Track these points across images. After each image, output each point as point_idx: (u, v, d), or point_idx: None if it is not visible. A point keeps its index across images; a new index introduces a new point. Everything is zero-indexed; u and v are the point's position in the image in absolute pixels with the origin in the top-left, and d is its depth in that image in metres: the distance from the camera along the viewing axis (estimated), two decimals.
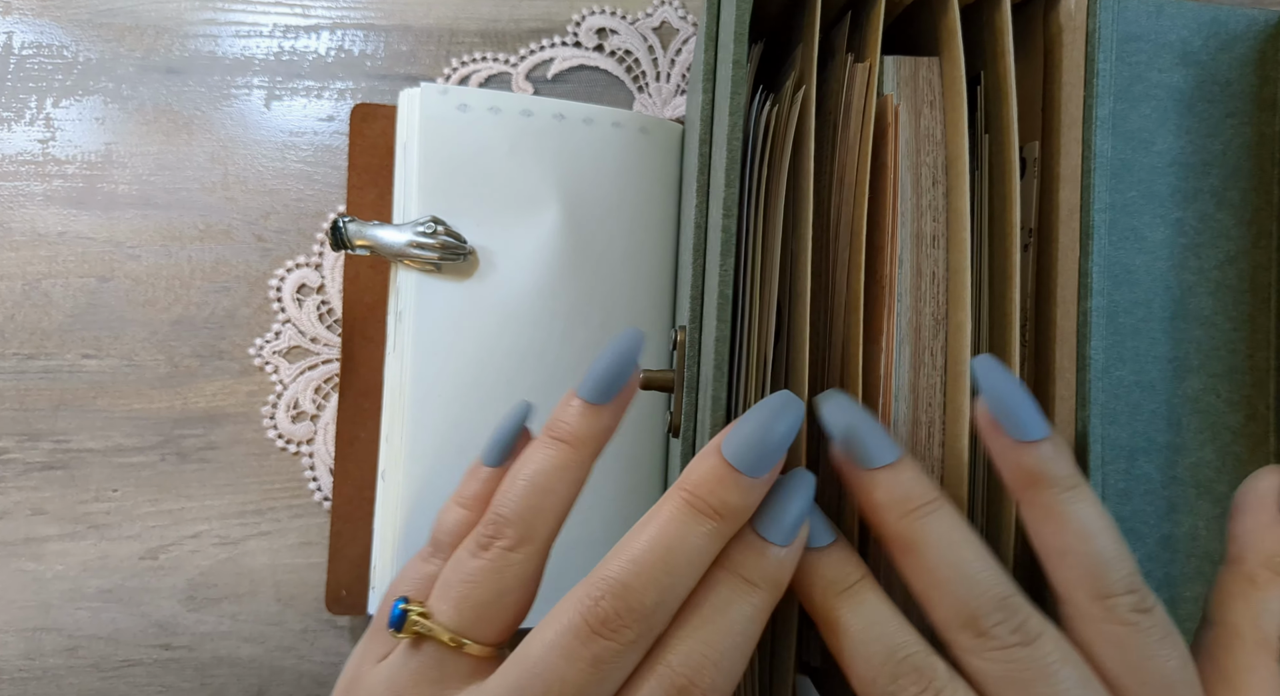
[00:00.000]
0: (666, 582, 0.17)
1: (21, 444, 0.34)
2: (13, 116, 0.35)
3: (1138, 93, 0.22)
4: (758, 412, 0.18)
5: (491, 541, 0.18)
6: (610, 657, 0.17)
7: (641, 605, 0.17)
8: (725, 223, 0.20)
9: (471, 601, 0.18)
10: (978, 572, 0.17)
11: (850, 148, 0.22)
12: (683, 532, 0.17)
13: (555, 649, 0.17)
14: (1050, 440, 0.18)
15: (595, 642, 0.17)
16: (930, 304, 0.21)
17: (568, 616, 0.17)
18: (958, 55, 0.21)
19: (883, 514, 0.18)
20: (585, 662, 0.17)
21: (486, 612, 0.18)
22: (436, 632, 0.18)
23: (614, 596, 0.17)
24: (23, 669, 0.33)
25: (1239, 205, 0.23)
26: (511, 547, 0.18)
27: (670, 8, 0.37)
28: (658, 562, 0.17)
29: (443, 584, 0.19)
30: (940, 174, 0.22)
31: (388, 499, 0.32)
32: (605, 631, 0.17)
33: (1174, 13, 0.23)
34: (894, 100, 0.22)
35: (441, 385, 0.32)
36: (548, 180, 0.33)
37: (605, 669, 0.17)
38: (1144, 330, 0.22)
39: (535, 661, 0.17)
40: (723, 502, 0.17)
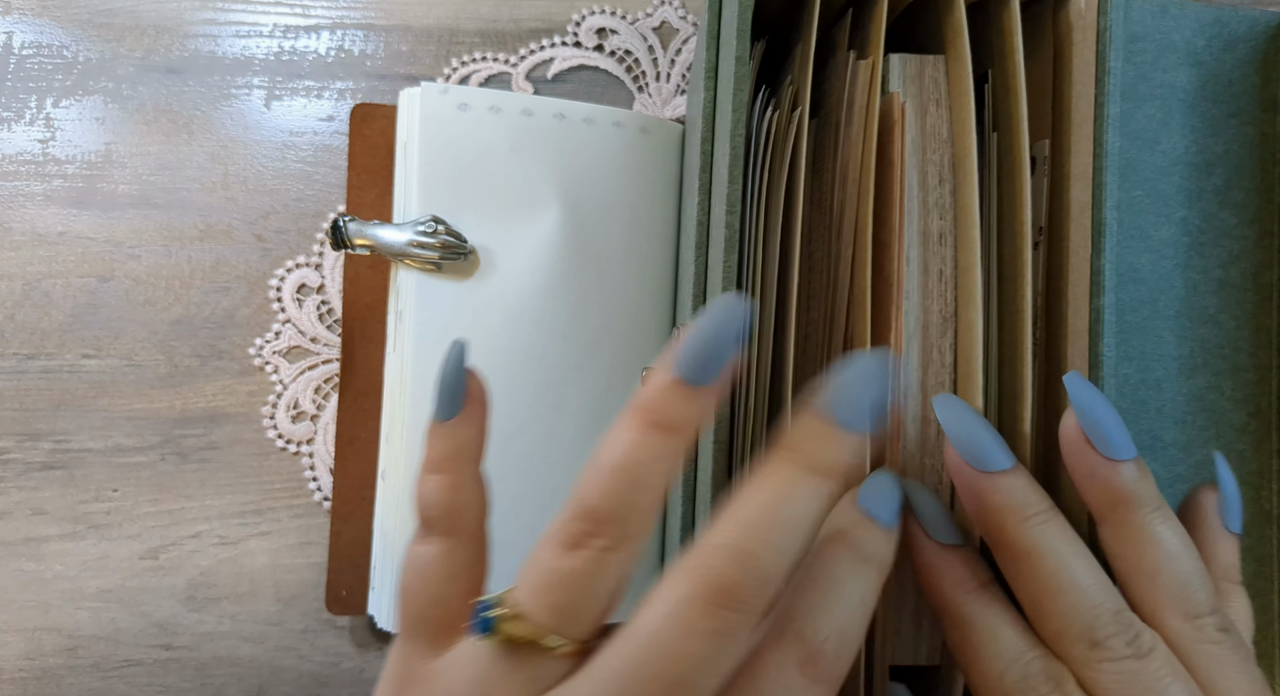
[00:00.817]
0: (785, 545, 0.16)
1: (21, 444, 0.34)
2: (13, 116, 0.35)
3: (1142, 92, 0.22)
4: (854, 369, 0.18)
5: (588, 539, 0.16)
6: (733, 629, 0.16)
7: (761, 570, 0.16)
8: (729, 219, 0.20)
9: (569, 604, 0.16)
10: (1093, 585, 0.18)
11: (853, 144, 0.22)
12: (793, 492, 0.16)
13: (672, 622, 0.15)
14: (1137, 460, 0.18)
15: (718, 614, 0.15)
16: (938, 302, 0.21)
17: (682, 587, 0.16)
18: (964, 53, 0.21)
19: (1000, 518, 0.18)
20: (707, 635, 0.15)
21: (584, 614, 0.16)
22: (537, 638, 0.16)
23: (733, 563, 0.16)
24: (23, 669, 0.33)
25: (1242, 204, 0.23)
26: (611, 547, 0.16)
27: (670, 8, 0.37)
28: (772, 523, 0.16)
29: (534, 582, 0.17)
30: (947, 172, 0.22)
31: (388, 499, 0.32)
32: (729, 601, 0.15)
33: (1178, 13, 0.23)
34: (900, 97, 0.22)
35: None
36: (548, 180, 0.33)
37: (728, 642, 0.16)
38: (1149, 328, 0.22)
39: (650, 636, 0.16)
40: (832, 459, 0.17)
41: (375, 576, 0.33)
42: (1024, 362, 0.20)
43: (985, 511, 0.19)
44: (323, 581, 0.34)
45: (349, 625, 0.34)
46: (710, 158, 0.23)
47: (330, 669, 0.34)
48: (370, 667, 0.34)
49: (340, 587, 0.33)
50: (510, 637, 0.16)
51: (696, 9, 0.37)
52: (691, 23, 0.37)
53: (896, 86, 0.22)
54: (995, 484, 0.19)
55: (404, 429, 0.32)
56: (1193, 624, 0.18)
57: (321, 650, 0.34)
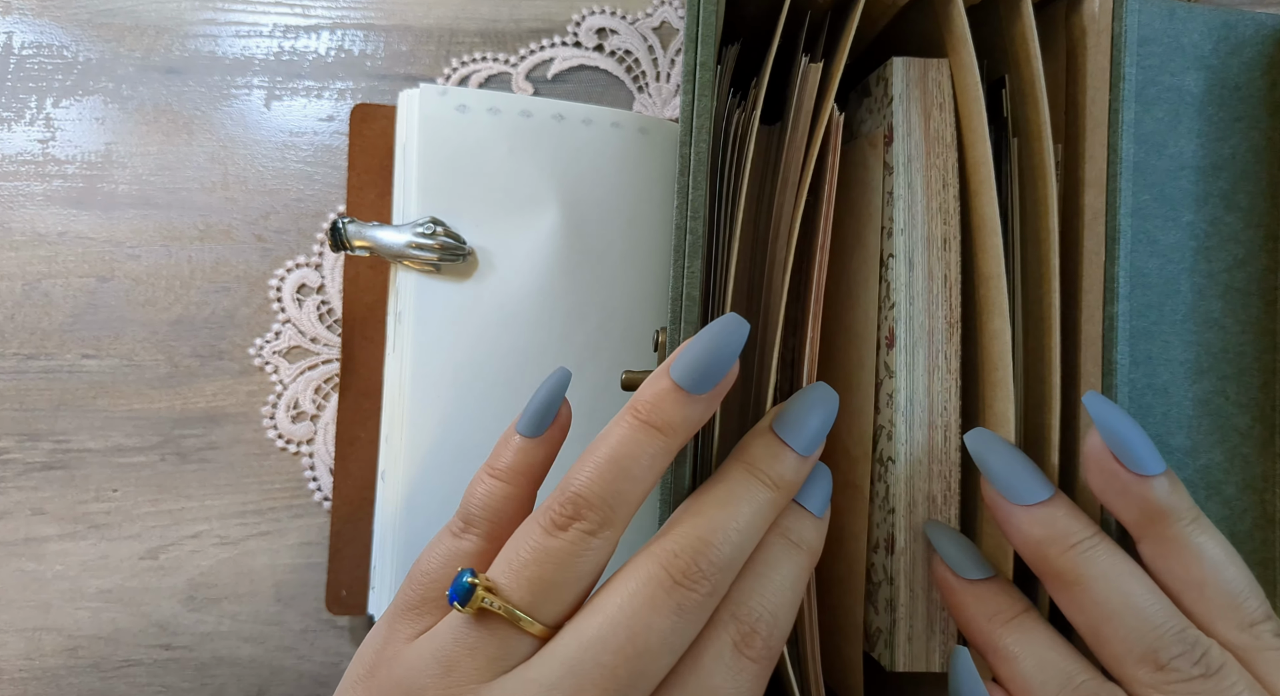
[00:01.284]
0: (737, 539, 0.18)
1: (21, 444, 0.34)
2: (13, 116, 0.35)
3: (1151, 96, 0.22)
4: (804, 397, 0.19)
5: (570, 522, 0.18)
6: (692, 607, 0.17)
7: (719, 558, 0.17)
8: (691, 225, 0.20)
9: (545, 582, 0.17)
10: (1151, 605, 0.18)
11: (795, 149, 0.22)
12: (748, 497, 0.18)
13: (638, 598, 0.17)
14: (1168, 473, 0.18)
15: (678, 592, 0.17)
16: (943, 307, 0.21)
17: (647, 569, 0.17)
18: (969, 59, 0.21)
19: (1044, 549, 0.19)
20: (670, 610, 0.17)
21: (557, 594, 0.17)
22: (509, 611, 0.17)
23: (694, 551, 0.17)
24: (23, 669, 0.33)
25: (1248, 209, 0.23)
26: (593, 532, 0.18)
27: (670, 8, 0.37)
28: (730, 520, 0.18)
29: (513, 560, 0.18)
30: (951, 176, 0.21)
31: (388, 499, 0.32)
32: (688, 582, 0.17)
33: (1185, 16, 0.22)
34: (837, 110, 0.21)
35: (441, 385, 0.32)
36: (547, 181, 0.33)
37: (688, 617, 0.17)
38: (1156, 333, 0.22)
39: (617, 610, 0.17)
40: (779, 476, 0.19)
41: (375, 576, 0.33)
42: (1051, 371, 0.20)
43: (1028, 544, 0.19)
44: (323, 581, 0.34)
45: (349, 625, 0.34)
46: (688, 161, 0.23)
47: (330, 669, 0.34)
48: None
49: (340, 587, 0.33)
50: (483, 609, 0.17)
51: None
52: None
53: (899, 90, 0.22)
54: (1035, 516, 0.19)
55: (404, 429, 0.32)
56: (1250, 632, 0.18)
57: (321, 650, 0.34)
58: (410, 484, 0.31)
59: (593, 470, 0.18)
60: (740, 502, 0.18)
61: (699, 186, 0.20)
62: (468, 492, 0.20)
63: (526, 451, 0.20)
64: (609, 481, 0.18)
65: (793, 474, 0.19)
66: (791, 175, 0.22)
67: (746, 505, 0.18)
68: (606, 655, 0.16)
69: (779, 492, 0.19)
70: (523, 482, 0.20)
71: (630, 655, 0.16)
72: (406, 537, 0.31)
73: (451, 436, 0.32)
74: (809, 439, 0.19)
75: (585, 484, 0.18)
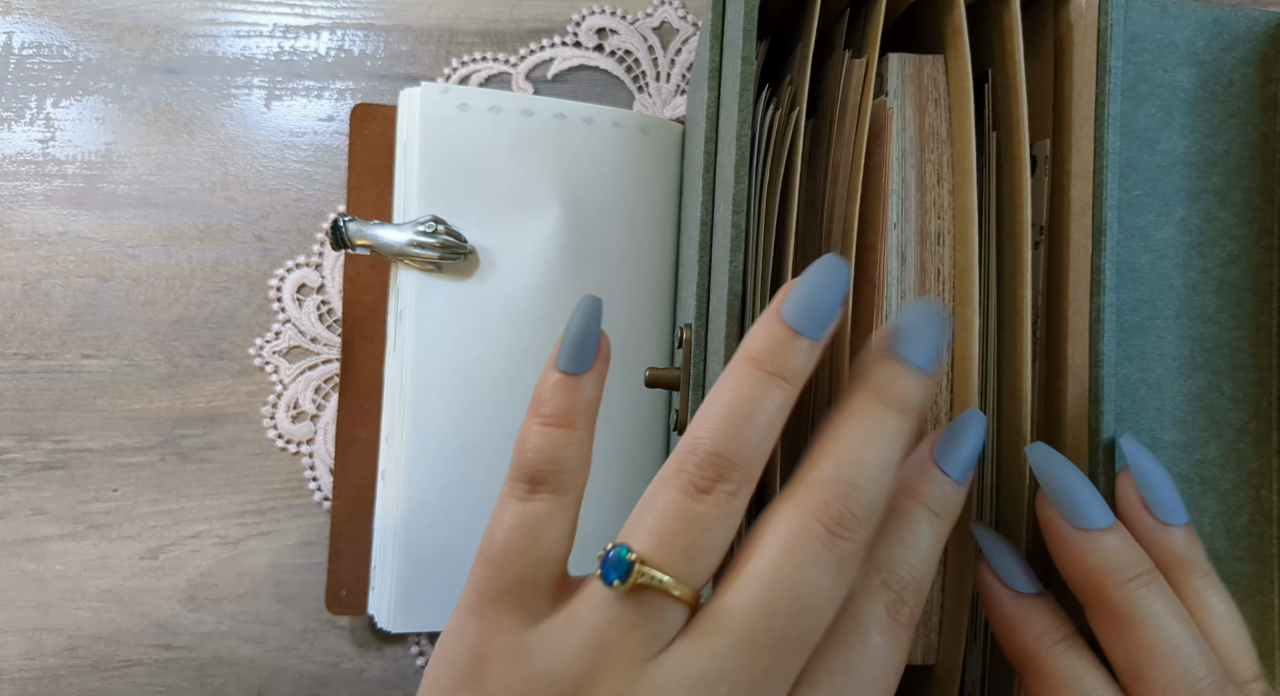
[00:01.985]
0: (882, 478, 0.17)
1: (21, 444, 0.34)
2: (13, 116, 0.35)
3: (1143, 92, 0.22)
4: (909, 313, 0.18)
5: (713, 484, 0.16)
6: (850, 556, 0.16)
7: (867, 501, 0.16)
8: (735, 219, 0.20)
9: (698, 549, 0.16)
10: (1195, 656, 0.18)
11: (845, 144, 0.22)
12: (881, 430, 0.17)
13: (793, 555, 0.16)
14: (1188, 526, 0.19)
15: (837, 544, 0.16)
16: None
17: (799, 520, 0.16)
18: (964, 52, 0.21)
19: (1101, 579, 0.18)
20: (831, 565, 0.16)
21: (708, 559, 0.16)
22: (667, 584, 0.16)
23: (844, 497, 0.16)
24: (23, 669, 0.33)
25: (1241, 204, 0.23)
26: (735, 493, 0.16)
27: (670, 8, 0.37)
28: (871, 460, 0.17)
29: (660, 530, 0.16)
30: (945, 171, 0.22)
31: (388, 499, 0.32)
32: (844, 532, 0.16)
33: (1178, 13, 0.23)
34: (888, 103, 0.22)
35: (442, 385, 0.32)
36: (548, 180, 0.33)
37: (847, 570, 0.16)
38: (1150, 328, 0.22)
39: (777, 570, 0.16)
40: (908, 395, 0.18)
41: (375, 576, 0.33)
42: (1024, 362, 0.20)
43: (1083, 570, 0.19)
44: (323, 581, 0.34)
45: (349, 625, 0.34)
46: (714, 157, 0.23)
47: (330, 669, 0.34)
48: (370, 667, 0.34)
49: (340, 587, 0.33)
50: (640, 585, 0.16)
51: (696, 9, 0.37)
52: (691, 23, 0.37)
53: (895, 85, 0.22)
54: (1094, 542, 0.18)
55: (404, 429, 0.32)
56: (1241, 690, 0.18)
57: (321, 650, 0.34)
58: (410, 484, 0.32)
59: (723, 425, 0.17)
60: (877, 437, 0.17)
61: (741, 181, 0.20)
62: (520, 447, 0.18)
63: (575, 389, 0.18)
64: (741, 436, 0.16)
65: (920, 393, 0.18)
66: (843, 170, 0.22)
67: (884, 439, 0.17)
68: (776, 618, 0.15)
69: (910, 417, 0.18)
70: (581, 423, 0.18)
71: (798, 614, 0.16)
72: (406, 537, 0.31)
73: (452, 436, 0.32)
74: (930, 353, 0.18)
75: (719, 440, 0.16)
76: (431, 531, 0.32)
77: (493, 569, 0.17)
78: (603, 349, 0.19)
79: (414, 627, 0.32)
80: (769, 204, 0.21)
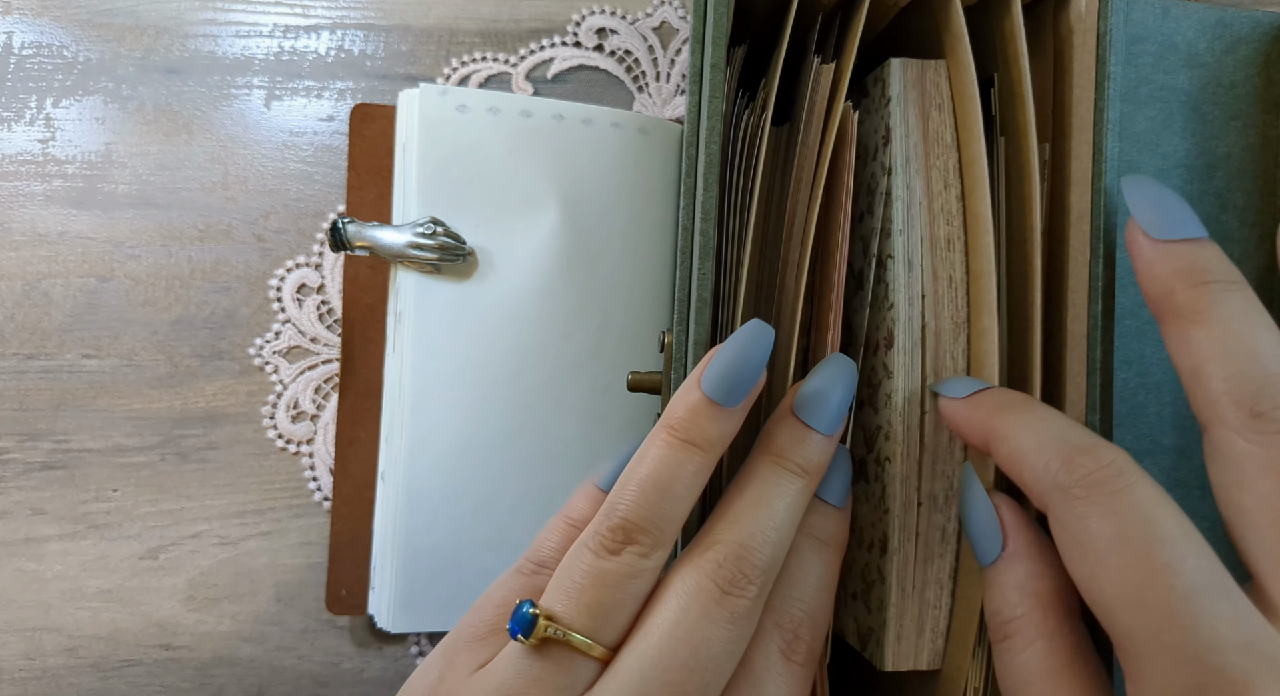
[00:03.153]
0: (775, 539, 0.18)
1: (21, 444, 0.34)
2: (13, 116, 0.35)
3: (1144, 95, 0.22)
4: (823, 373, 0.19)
5: (622, 547, 0.18)
6: (744, 612, 0.17)
7: (760, 561, 0.17)
8: (703, 227, 0.20)
9: (603, 605, 0.17)
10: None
11: (808, 150, 0.22)
12: (779, 492, 0.18)
13: (692, 612, 0.17)
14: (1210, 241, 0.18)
15: (729, 601, 0.17)
16: (949, 308, 0.21)
17: (694, 580, 0.17)
18: (966, 59, 0.21)
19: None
20: (725, 620, 0.17)
21: (615, 616, 0.17)
22: (572, 637, 0.17)
23: (736, 557, 0.17)
24: (23, 669, 0.33)
25: (1244, 208, 0.23)
26: (645, 555, 0.18)
27: (670, 8, 0.37)
28: (765, 521, 0.18)
29: (569, 587, 0.18)
30: (953, 177, 0.21)
31: (388, 499, 0.32)
32: (735, 590, 0.17)
33: (1179, 14, 0.23)
34: (851, 108, 0.22)
35: (441, 385, 0.32)
36: (547, 181, 0.33)
37: (741, 623, 0.17)
38: (1148, 332, 0.22)
39: (674, 626, 0.17)
40: (806, 460, 0.19)
41: (375, 576, 0.33)
42: (1033, 369, 0.20)
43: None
44: (323, 581, 0.34)
45: (349, 625, 0.34)
46: (695, 162, 0.23)
47: (330, 669, 0.34)
48: (370, 667, 0.34)
49: (340, 587, 0.33)
50: (546, 638, 0.17)
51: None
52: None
53: (897, 91, 0.22)
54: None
55: (404, 429, 0.32)
56: None
57: (321, 650, 0.34)
58: (410, 484, 0.32)
59: (637, 493, 0.18)
60: (774, 499, 0.18)
61: (710, 188, 0.20)
62: (540, 539, 0.21)
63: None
64: (655, 503, 0.18)
65: (820, 456, 0.19)
66: (805, 175, 0.22)
67: (780, 500, 0.18)
68: (672, 672, 0.16)
69: (809, 479, 0.19)
70: (553, 523, 0.21)
71: (694, 668, 0.17)
72: (406, 538, 0.31)
73: (452, 436, 0.32)
74: (832, 417, 0.19)
75: (632, 508, 0.18)
76: (431, 531, 0.32)
77: (478, 617, 0.19)
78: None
79: (414, 627, 0.32)
80: (743, 210, 0.21)
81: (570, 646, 0.17)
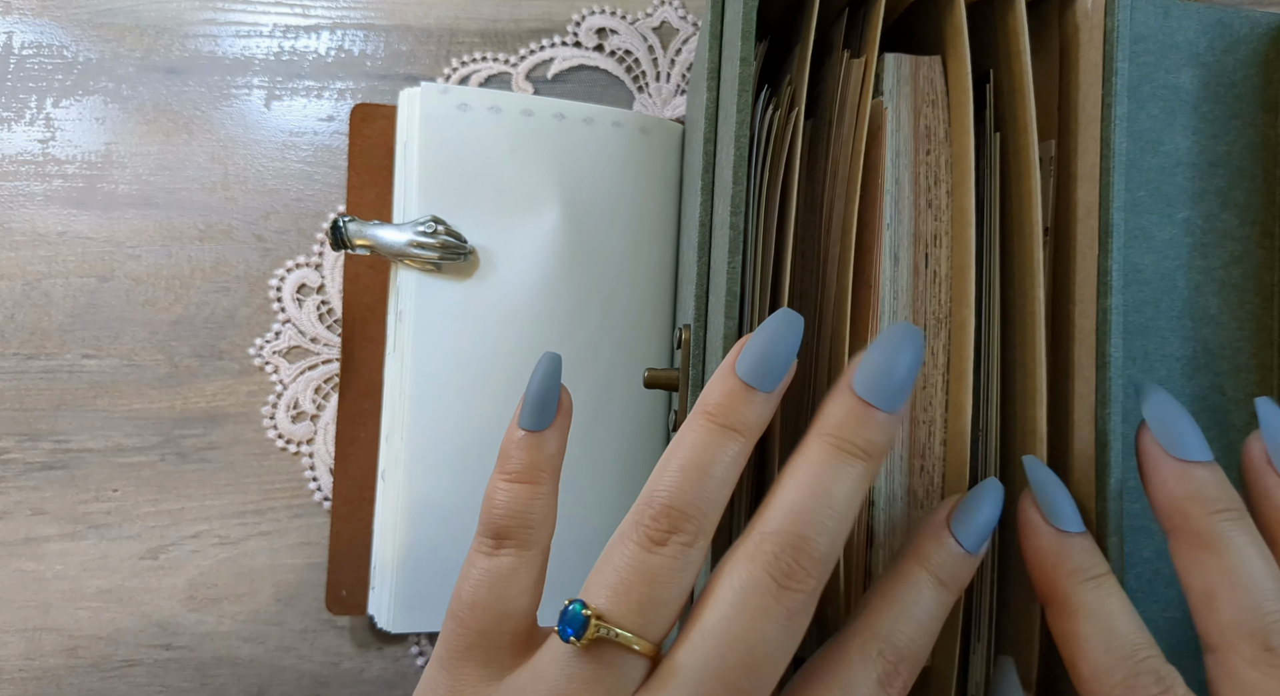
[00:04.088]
0: (832, 526, 0.17)
1: (21, 444, 0.34)
2: (13, 116, 0.35)
3: (1146, 93, 0.22)
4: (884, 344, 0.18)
5: (668, 536, 0.17)
6: (801, 610, 0.16)
7: (817, 551, 0.17)
8: (733, 221, 0.20)
9: (653, 601, 0.17)
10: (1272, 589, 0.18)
11: (844, 144, 0.22)
12: (836, 476, 0.17)
13: (744, 609, 0.16)
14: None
15: (786, 596, 0.16)
16: (931, 303, 0.21)
17: (749, 573, 0.17)
18: (964, 54, 0.21)
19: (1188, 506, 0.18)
20: (779, 617, 0.16)
21: (664, 611, 0.17)
22: (624, 638, 0.16)
23: (792, 548, 0.17)
24: (23, 669, 0.33)
25: (1244, 205, 0.23)
26: (690, 544, 0.17)
27: (670, 8, 0.37)
28: (821, 507, 0.17)
29: (615, 583, 0.17)
30: (944, 172, 0.21)
31: (388, 499, 0.32)
32: (792, 583, 0.16)
33: (1181, 14, 0.23)
34: (884, 103, 0.22)
35: (442, 385, 0.32)
36: (548, 180, 0.33)
37: (797, 621, 0.16)
38: (1153, 329, 0.22)
39: (729, 623, 0.16)
40: (868, 441, 0.17)
41: (375, 576, 0.33)
42: (1038, 364, 0.20)
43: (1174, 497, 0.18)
44: (323, 581, 0.34)
45: (349, 625, 0.34)
46: (713, 158, 0.22)
47: (330, 669, 0.34)
48: (370, 667, 0.34)
49: (340, 587, 0.33)
50: (597, 639, 0.16)
51: (696, 9, 0.37)
52: (691, 23, 0.37)
53: (891, 86, 0.22)
54: (1191, 472, 0.18)
55: (404, 429, 0.32)
56: None
57: (321, 650, 0.34)
58: (410, 484, 0.32)
59: (678, 478, 0.17)
60: (831, 484, 0.17)
61: (739, 182, 0.20)
62: (486, 504, 0.19)
63: (537, 446, 0.19)
64: (695, 486, 0.17)
65: (882, 436, 0.18)
66: (842, 170, 0.22)
67: (839, 485, 0.17)
68: (730, 671, 0.16)
69: (870, 462, 0.18)
70: (543, 478, 0.19)
71: (751, 666, 0.16)
72: (407, 538, 0.31)
73: (452, 436, 0.32)
74: (895, 391, 0.17)
75: (674, 493, 0.17)
76: (431, 531, 0.32)
77: (459, 623, 0.18)
78: (563, 405, 0.20)
79: (414, 627, 0.32)
80: (768, 205, 0.21)
81: (619, 645, 0.16)
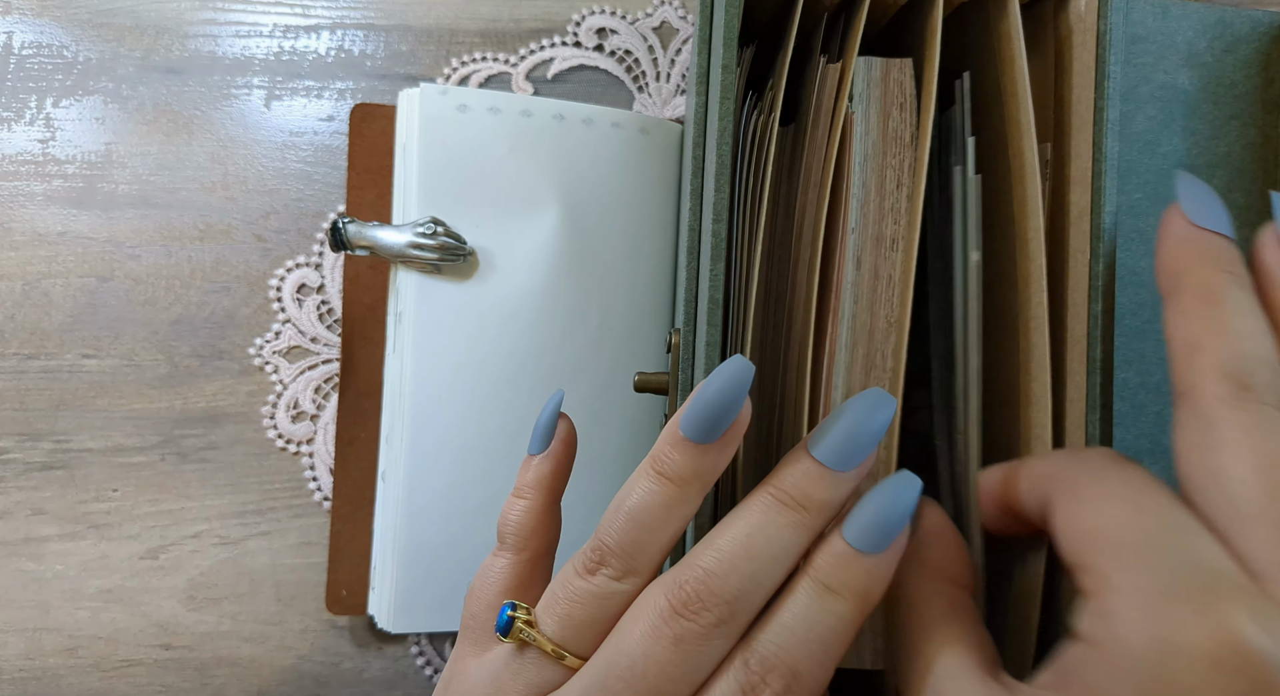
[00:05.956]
0: (747, 570, 0.17)
1: (21, 444, 0.34)
2: (13, 116, 0.35)
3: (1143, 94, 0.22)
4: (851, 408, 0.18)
5: (597, 568, 0.19)
6: (692, 639, 0.17)
7: (724, 589, 0.17)
8: (715, 227, 0.20)
9: (574, 620, 0.19)
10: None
11: (817, 149, 0.22)
12: (764, 523, 0.18)
13: (642, 628, 0.18)
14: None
15: (677, 622, 0.17)
16: (885, 307, 0.21)
17: (653, 598, 0.18)
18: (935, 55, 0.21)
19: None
20: (668, 641, 0.17)
21: (587, 631, 0.19)
22: (540, 643, 0.19)
23: (697, 581, 0.17)
24: (23, 669, 0.33)
25: (1243, 207, 0.23)
26: (616, 578, 0.19)
27: (670, 8, 0.37)
28: (739, 550, 0.18)
29: (550, 596, 0.19)
30: (906, 177, 0.21)
31: (388, 499, 0.32)
32: (687, 612, 0.17)
33: (1179, 14, 0.23)
34: (849, 108, 0.21)
35: (441, 385, 0.32)
36: (547, 181, 0.33)
37: (687, 649, 0.17)
38: (1149, 332, 0.22)
39: (623, 640, 0.18)
40: (806, 496, 0.18)
41: (375, 576, 0.33)
42: (1042, 368, 0.20)
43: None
44: (323, 581, 0.34)
45: (349, 625, 0.34)
46: (702, 163, 0.23)
47: (330, 669, 0.34)
48: (370, 667, 0.34)
49: (340, 587, 0.33)
50: (521, 640, 0.19)
51: (697, 9, 0.37)
52: (691, 23, 0.37)
53: (860, 89, 0.22)
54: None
55: (404, 429, 0.32)
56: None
57: (321, 650, 0.34)
58: (410, 484, 0.32)
59: (613, 521, 0.19)
60: (756, 529, 0.18)
61: (722, 189, 0.20)
62: (502, 516, 0.22)
63: (535, 467, 0.22)
64: (626, 532, 0.19)
65: (824, 492, 0.18)
66: (814, 175, 0.22)
67: (762, 531, 0.18)
68: (611, 681, 0.17)
69: (806, 513, 0.18)
70: (537, 495, 0.22)
71: (631, 681, 0.17)
72: (406, 538, 0.31)
73: (452, 436, 0.32)
74: (842, 451, 0.18)
75: (607, 534, 0.19)
76: (431, 531, 0.32)
77: (468, 609, 0.22)
78: (561, 432, 0.23)
79: (414, 628, 0.32)
80: (753, 210, 0.21)
81: (542, 650, 0.19)
